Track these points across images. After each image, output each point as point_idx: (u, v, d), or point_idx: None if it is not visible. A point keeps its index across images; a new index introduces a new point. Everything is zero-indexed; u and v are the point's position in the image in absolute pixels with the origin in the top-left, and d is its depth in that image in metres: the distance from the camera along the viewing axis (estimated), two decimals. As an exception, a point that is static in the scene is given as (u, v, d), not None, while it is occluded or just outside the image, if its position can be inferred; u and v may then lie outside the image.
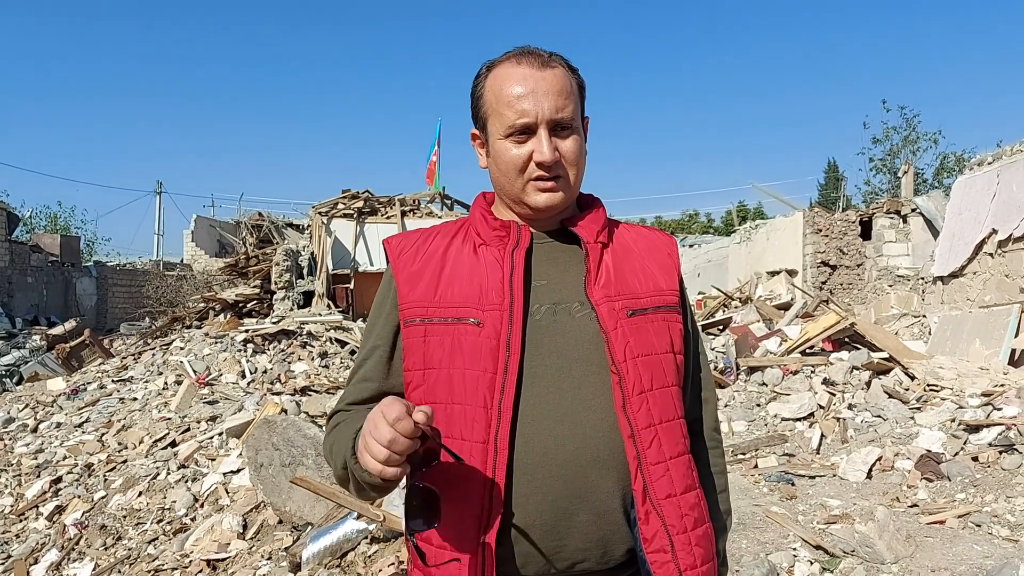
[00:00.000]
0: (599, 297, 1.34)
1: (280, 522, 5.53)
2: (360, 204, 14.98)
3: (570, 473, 1.27)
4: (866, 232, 14.82)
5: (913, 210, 14.18)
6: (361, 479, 1.24)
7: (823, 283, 14.42)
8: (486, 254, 1.37)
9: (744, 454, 6.65)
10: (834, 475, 5.96)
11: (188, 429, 8.26)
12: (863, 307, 13.47)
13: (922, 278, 12.37)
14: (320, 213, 14.80)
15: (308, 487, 4.94)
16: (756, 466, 6.26)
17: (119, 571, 5.74)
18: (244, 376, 10.20)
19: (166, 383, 10.32)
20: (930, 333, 9.88)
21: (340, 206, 14.99)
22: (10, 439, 9.84)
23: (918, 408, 7.10)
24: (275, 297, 13.41)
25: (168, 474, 7.15)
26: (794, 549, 4.39)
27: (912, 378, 7.90)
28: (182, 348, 12.06)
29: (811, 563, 4.20)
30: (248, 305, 14.12)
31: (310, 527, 5.06)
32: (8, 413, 11.02)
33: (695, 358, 1.53)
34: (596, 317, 1.33)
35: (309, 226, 16.20)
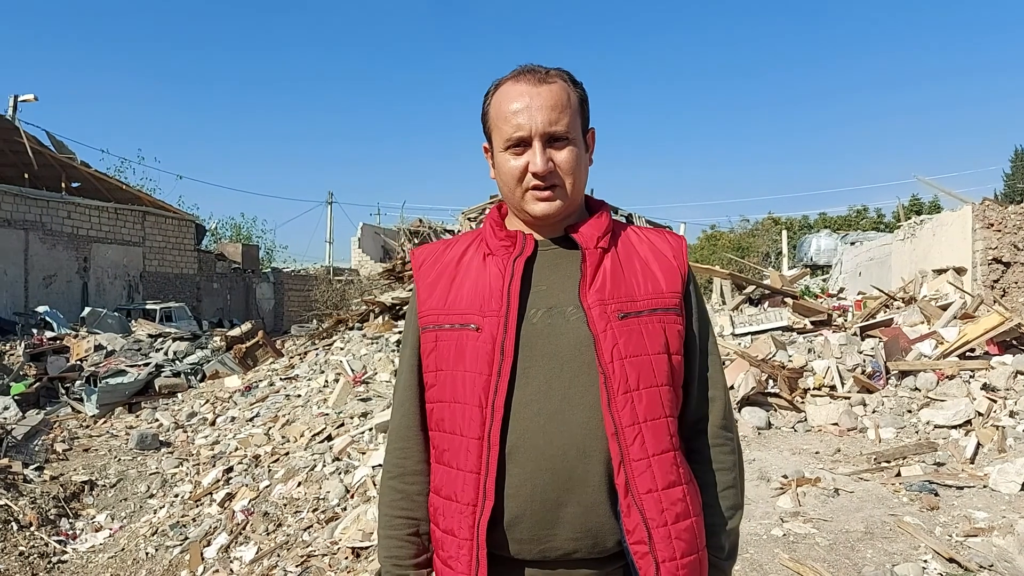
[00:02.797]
0: (592, 300, 1.42)
1: (418, 514, 5.85)
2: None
3: (558, 467, 1.37)
4: (1045, 226, 13.65)
5: (1100, 200, 12.95)
6: None
7: (995, 281, 13.41)
8: (492, 264, 1.48)
9: (888, 462, 6.38)
10: (984, 486, 5.63)
11: (342, 424, 8.79)
12: (1040, 307, 12.45)
13: (1108, 275, 11.30)
14: (469, 219, 15.31)
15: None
16: (898, 474, 6.00)
17: (278, 556, 6.20)
18: (396, 375, 10.72)
19: (326, 381, 11.00)
20: (1114, 335, 9.04)
21: (488, 211, 15.43)
22: (192, 431, 10.83)
23: (1089, 416, 6.57)
24: (427, 300, 13.94)
25: (324, 466, 7.63)
26: (924, 561, 4.22)
27: (1086, 384, 7.30)
28: (342, 348, 12.79)
29: (941, 576, 4.05)
30: (403, 308, 14.76)
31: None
32: (192, 408, 12.13)
33: (703, 358, 1.56)
34: (587, 320, 1.41)
35: (460, 230, 16.74)
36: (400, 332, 12.35)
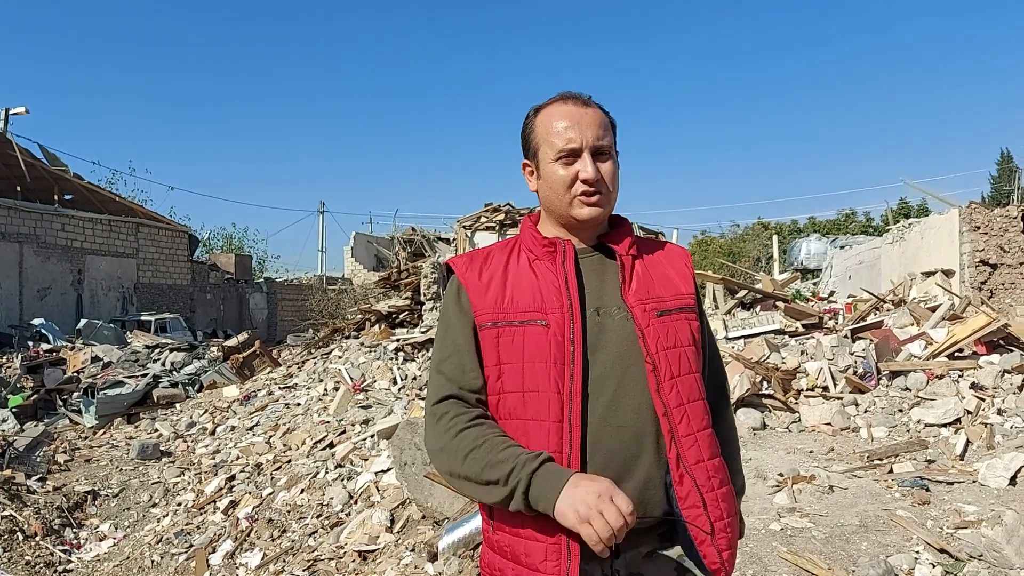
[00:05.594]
0: (633, 301, 1.62)
1: (423, 517, 5.94)
2: (501, 217, 15.54)
3: (619, 446, 1.56)
4: (1030, 228, 13.88)
5: (1084, 202, 13.17)
6: (525, 504, 1.47)
7: (982, 283, 13.63)
8: (541, 267, 1.66)
9: (881, 460, 6.53)
10: (974, 481, 5.79)
11: (344, 432, 8.88)
12: (1026, 307, 12.65)
13: (1092, 275, 11.49)
14: (464, 227, 15.47)
15: (441, 481, 5.33)
16: (891, 471, 6.16)
17: (283, 561, 6.29)
18: (395, 382, 10.81)
19: (326, 389, 11.10)
20: (1099, 334, 9.22)
21: (483, 219, 15.62)
22: (192, 441, 10.90)
23: (1075, 413, 6.73)
24: (424, 308, 14.07)
25: (326, 473, 7.72)
26: (917, 552, 4.37)
27: (1071, 382, 7.46)
28: (340, 357, 12.88)
29: (933, 566, 4.18)
30: (400, 316, 14.87)
31: (447, 520, 5.45)
32: (191, 417, 12.18)
33: (711, 350, 1.79)
34: (632, 318, 1.60)
35: (455, 239, 16.87)
36: (398, 340, 12.46)
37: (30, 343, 16.90)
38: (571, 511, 1.39)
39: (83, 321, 19.15)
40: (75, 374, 14.50)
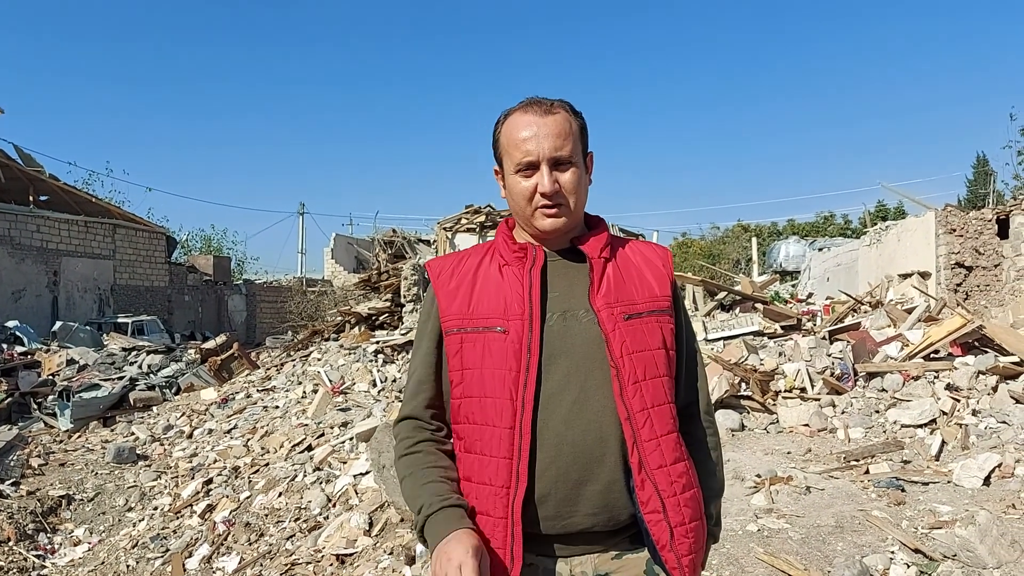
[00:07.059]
0: (600, 304, 1.60)
1: (402, 520, 5.92)
2: (482, 219, 15.55)
3: (579, 450, 1.55)
4: (1004, 231, 14.06)
5: (1057, 206, 13.34)
6: (423, 540, 1.56)
7: (958, 285, 13.78)
8: (509, 273, 1.65)
9: (857, 460, 6.58)
10: (948, 482, 5.84)
11: (323, 435, 8.83)
12: (1000, 309, 12.80)
13: (1064, 278, 11.66)
14: (445, 228, 15.45)
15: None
16: (867, 472, 6.21)
17: (261, 565, 6.23)
18: (375, 385, 10.76)
19: (304, 392, 11.02)
20: (1071, 335, 9.33)
21: (463, 221, 15.61)
22: (169, 444, 10.79)
23: (1047, 414, 6.80)
24: (404, 310, 14.02)
25: (305, 476, 7.67)
26: (892, 552, 4.40)
27: (1044, 382, 7.55)
28: (319, 359, 12.80)
29: (908, 566, 4.22)
30: (380, 318, 14.81)
31: (426, 524, 5.42)
32: (168, 421, 12.04)
33: (690, 353, 1.77)
34: (598, 321, 1.59)
35: (436, 240, 16.84)
36: (377, 342, 12.41)
37: (4, 346, 16.65)
38: (435, 562, 1.45)
39: (58, 323, 18.94)
40: (50, 377, 14.31)
